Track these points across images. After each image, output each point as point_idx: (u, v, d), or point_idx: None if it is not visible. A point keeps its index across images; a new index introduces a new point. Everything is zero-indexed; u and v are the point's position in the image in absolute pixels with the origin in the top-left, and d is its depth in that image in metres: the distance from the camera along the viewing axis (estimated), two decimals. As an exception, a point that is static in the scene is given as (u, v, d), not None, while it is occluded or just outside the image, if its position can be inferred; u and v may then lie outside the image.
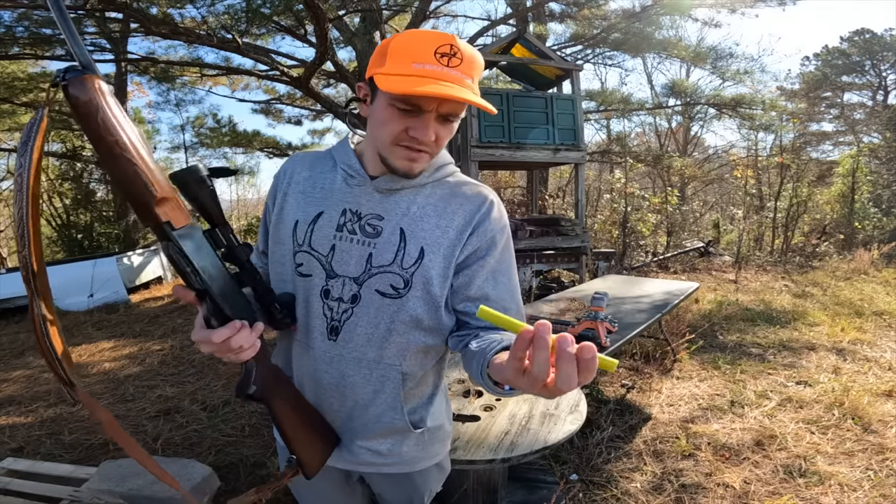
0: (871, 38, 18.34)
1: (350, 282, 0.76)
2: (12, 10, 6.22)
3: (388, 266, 0.75)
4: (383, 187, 0.77)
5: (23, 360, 4.06)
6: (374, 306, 0.76)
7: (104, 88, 0.54)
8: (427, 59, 0.65)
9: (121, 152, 0.54)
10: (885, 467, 2.03)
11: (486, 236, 0.78)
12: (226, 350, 0.64)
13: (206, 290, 0.63)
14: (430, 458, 0.91)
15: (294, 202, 0.81)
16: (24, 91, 9.00)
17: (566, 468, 2.09)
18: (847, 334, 3.85)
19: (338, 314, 0.77)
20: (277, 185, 0.84)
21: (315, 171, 0.83)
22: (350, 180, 0.78)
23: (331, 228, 0.77)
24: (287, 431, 0.76)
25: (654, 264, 7.41)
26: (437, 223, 0.77)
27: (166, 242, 0.60)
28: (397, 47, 0.67)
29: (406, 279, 0.75)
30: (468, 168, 5.20)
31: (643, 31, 8.73)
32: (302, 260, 0.78)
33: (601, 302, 2.16)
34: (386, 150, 0.72)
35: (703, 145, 17.72)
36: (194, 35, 6.26)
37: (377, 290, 0.76)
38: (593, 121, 13.21)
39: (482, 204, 0.79)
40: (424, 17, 7.91)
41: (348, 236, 0.76)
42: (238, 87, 11.40)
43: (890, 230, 9.62)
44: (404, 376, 0.81)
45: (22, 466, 1.96)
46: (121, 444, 0.60)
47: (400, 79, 0.64)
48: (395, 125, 0.70)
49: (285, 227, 0.80)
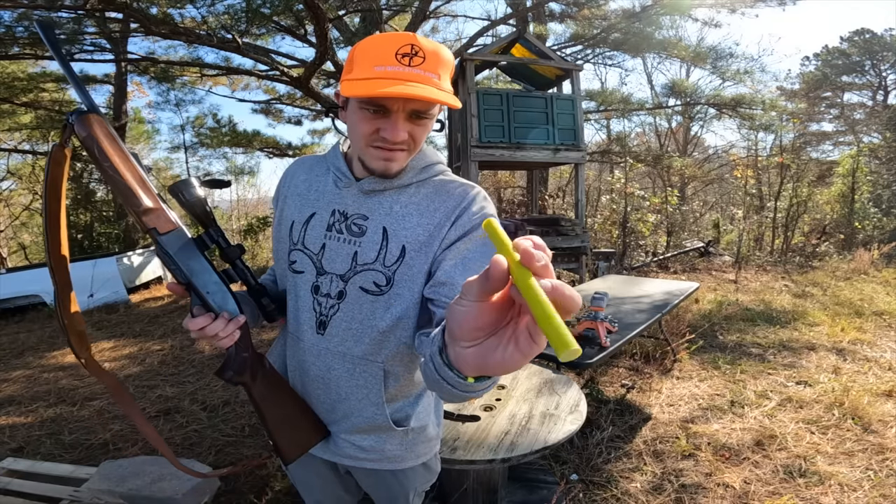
0: (871, 38, 18.34)
1: (337, 279, 0.79)
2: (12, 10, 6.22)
3: (372, 264, 0.78)
4: (367, 188, 0.79)
5: (23, 360, 4.06)
6: (358, 303, 0.79)
7: (99, 126, 0.71)
8: (388, 62, 0.67)
9: (113, 174, 0.70)
10: (885, 467, 2.03)
11: (465, 227, 0.77)
12: (204, 337, 0.73)
13: (190, 284, 0.74)
14: (415, 458, 0.91)
15: (292, 204, 0.87)
16: (24, 91, 9.00)
17: (566, 468, 2.09)
18: (847, 334, 3.85)
19: (325, 309, 0.81)
20: (280, 189, 0.92)
21: (312, 174, 0.88)
22: (339, 182, 0.83)
23: (322, 228, 0.82)
24: (266, 417, 0.82)
25: (654, 264, 7.41)
26: (419, 221, 0.78)
27: (155, 245, 0.73)
28: (360, 53, 0.70)
29: (388, 276, 0.78)
30: (468, 168, 5.20)
31: (643, 31, 8.73)
32: (296, 257, 0.83)
33: (601, 302, 2.17)
34: (362, 151, 0.76)
35: (703, 145, 17.73)
36: (194, 35, 6.26)
37: (361, 286, 0.78)
38: (593, 121, 13.20)
39: (464, 198, 0.79)
40: (424, 17, 7.92)
41: (336, 235, 0.80)
42: (238, 87, 11.40)
43: (890, 230, 9.62)
44: (386, 374, 0.82)
45: (22, 466, 1.96)
46: (123, 408, 0.79)
47: (362, 82, 0.67)
48: (366, 127, 0.72)
49: (284, 227, 0.87)
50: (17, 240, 12.62)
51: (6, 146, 10.76)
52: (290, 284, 0.85)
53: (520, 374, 1.90)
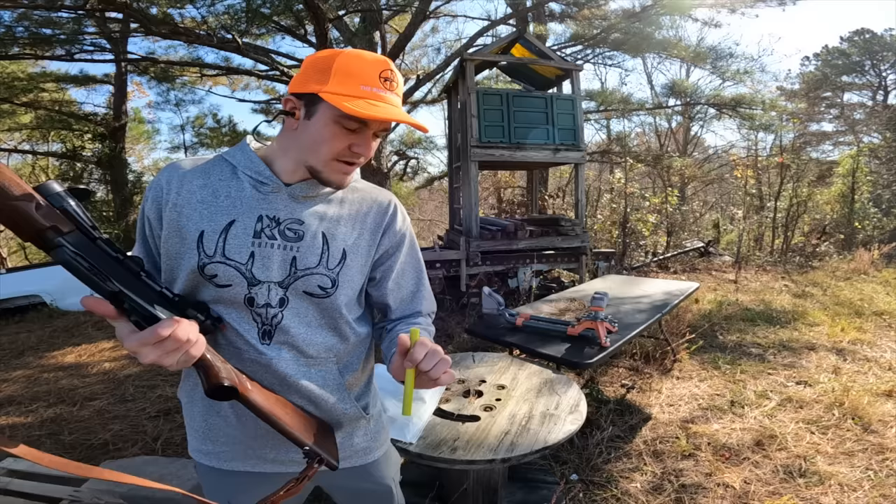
0: (871, 38, 18.34)
1: (275, 286, 0.78)
2: (12, 10, 6.22)
3: (315, 268, 0.79)
4: (300, 194, 0.79)
5: (23, 360, 4.06)
6: (303, 307, 0.80)
7: None
8: (373, 83, 0.72)
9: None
10: (885, 467, 2.03)
11: (396, 237, 0.89)
12: (175, 345, 0.59)
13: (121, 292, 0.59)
14: (380, 447, 0.96)
15: (193, 213, 0.77)
16: (24, 91, 9.01)
17: (566, 468, 2.09)
18: (847, 334, 3.85)
19: (268, 319, 0.78)
20: (159, 198, 0.77)
21: (211, 178, 0.79)
22: (262, 187, 0.78)
23: (247, 236, 0.76)
24: (284, 422, 0.73)
25: (654, 264, 7.41)
26: (353, 226, 0.84)
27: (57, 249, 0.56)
28: (342, 67, 0.71)
29: (333, 279, 0.80)
30: (468, 168, 5.20)
31: (643, 31, 8.73)
32: (216, 271, 0.75)
33: (601, 302, 2.16)
34: (323, 164, 0.76)
35: (703, 145, 17.73)
36: (194, 35, 6.27)
37: (305, 291, 0.79)
38: (593, 121, 13.20)
39: (388, 207, 0.89)
40: (424, 17, 7.91)
41: (268, 242, 0.77)
42: (238, 87, 11.42)
43: (890, 230, 9.62)
44: (342, 368, 0.86)
45: (22, 466, 1.95)
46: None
47: (354, 100, 0.69)
48: (339, 142, 0.74)
49: (188, 239, 0.76)
50: (18, 240, 12.63)
51: (6, 146, 10.76)
52: (210, 300, 0.77)
53: (520, 375, 1.90)
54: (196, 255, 0.75)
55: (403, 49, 8.42)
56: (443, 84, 8.49)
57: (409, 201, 12.93)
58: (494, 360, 2.07)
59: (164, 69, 8.71)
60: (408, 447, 1.37)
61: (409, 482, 1.96)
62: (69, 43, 7.11)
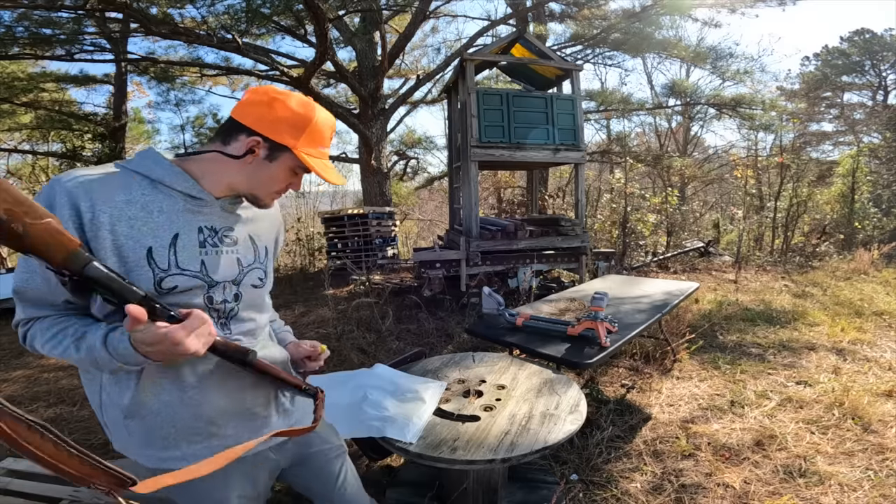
0: (871, 38, 18.34)
1: (230, 284, 0.92)
2: (12, 10, 6.22)
3: (254, 263, 0.97)
4: (229, 206, 0.92)
5: (23, 360, 4.06)
6: (250, 297, 0.97)
7: None
8: (326, 143, 0.93)
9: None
10: (885, 467, 2.03)
11: (283, 235, 1.13)
12: (210, 329, 0.76)
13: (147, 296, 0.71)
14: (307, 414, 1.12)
15: (131, 230, 0.78)
16: (24, 91, 9.01)
17: (566, 468, 2.09)
18: (847, 334, 3.85)
19: (224, 312, 0.92)
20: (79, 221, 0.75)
21: (134, 193, 0.80)
22: (195, 202, 0.87)
23: (194, 247, 0.86)
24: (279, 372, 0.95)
25: (654, 264, 7.41)
26: (265, 227, 1.03)
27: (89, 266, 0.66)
28: (315, 130, 0.89)
29: (265, 271, 1.01)
30: (468, 168, 5.20)
31: (643, 31, 8.74)
32: (175, 282, 0.83)
33: (601, 302, 2.16)
34: (267, 195, 0.93)
35: (703, 145, 17.74)
36: (194, 35, 6.26)
37: (251, 284, 0.97)
38: (593, 121, 13.21)
39: (277, 212, 1.09)
40: (425, 17, 7.91)
41: (212, 249, 0.89)
42: (238, 87, 11.42)
43: (890, 230, 9.62)
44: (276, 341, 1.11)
45: (22, 466, 1.95)
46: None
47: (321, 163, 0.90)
48: (286, 182, 0.93)
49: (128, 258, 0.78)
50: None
51: (6, 146, 10.77)
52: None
53: (520, 375, 1.90)
54: (149, 270, 0.80)
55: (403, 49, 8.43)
56: (443, 84, 8.49)
57: (409, 201, 12.91)
58: (494, 360, 2.07)
59: (164, 69, 8.71)
60: (408, 447, 1.37)
61: (408, 482, 1.96)
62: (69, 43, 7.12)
